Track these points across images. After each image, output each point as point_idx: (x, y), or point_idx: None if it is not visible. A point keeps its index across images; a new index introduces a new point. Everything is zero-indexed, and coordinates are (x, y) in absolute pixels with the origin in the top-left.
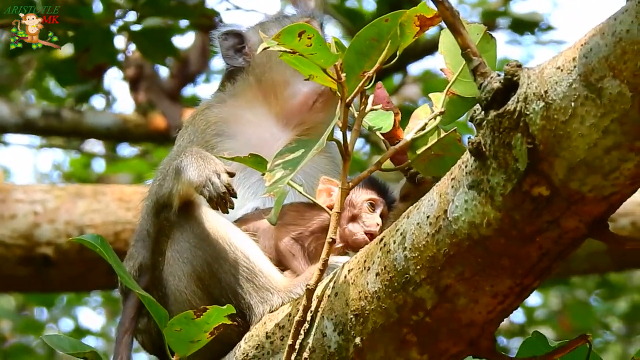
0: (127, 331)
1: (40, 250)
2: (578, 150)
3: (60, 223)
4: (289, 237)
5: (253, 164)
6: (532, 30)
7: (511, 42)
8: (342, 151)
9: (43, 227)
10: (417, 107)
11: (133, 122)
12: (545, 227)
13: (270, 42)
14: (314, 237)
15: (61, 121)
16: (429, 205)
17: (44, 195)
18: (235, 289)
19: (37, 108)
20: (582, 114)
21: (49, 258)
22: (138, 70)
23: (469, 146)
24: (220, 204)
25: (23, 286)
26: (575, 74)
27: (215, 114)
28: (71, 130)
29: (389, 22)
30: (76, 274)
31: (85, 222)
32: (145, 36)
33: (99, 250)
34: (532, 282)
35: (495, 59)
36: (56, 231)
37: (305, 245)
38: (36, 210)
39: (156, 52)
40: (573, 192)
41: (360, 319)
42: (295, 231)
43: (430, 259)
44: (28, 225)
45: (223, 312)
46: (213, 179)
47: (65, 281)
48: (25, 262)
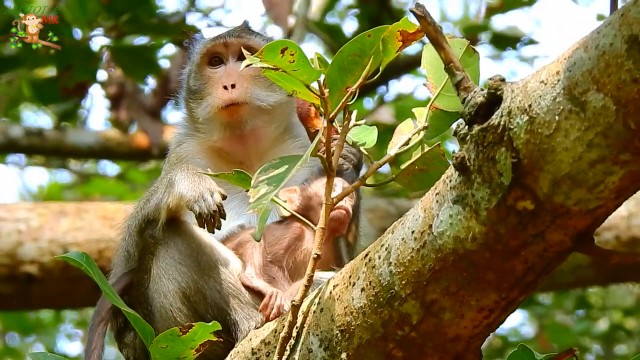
0: (102, 321)
1: (23, 268)
2: (562, 164)
3: (43, 241)
4: (266, 262)
5: (237, 180)
6: (513, 45)
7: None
8: (325, 167)
9: (26, 245)
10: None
11: (115, 140)
12: (530, 240)
13: (252, 58)
14: (289, 252)
15: (44, 140)
16: (413, 220)
17: (27, 213)
18: (220, 305)
19: (19, 127)
20: (566, 128)
21: (32, 276)
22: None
23: (453, 161)
24: (208, 222)
25: (6, 304)
26: (559, 88)
27: (184, 148)
28: (54, 149)
29: (371, 37)
30: (60, 291)
31: (68, 240)
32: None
33: (84, 268)
34: (518, 296)
35: (478, 73)
36: (40, 249)
37: (284, 264)
38: (19, 228)
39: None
40: (558, 205)
41: (346, 334)
42: (270, 253)
43: (416, 274)
44: (12, 243)
45: (209, 329)
46: (206, 196)
47: (49, 299)
48: (9, 280)
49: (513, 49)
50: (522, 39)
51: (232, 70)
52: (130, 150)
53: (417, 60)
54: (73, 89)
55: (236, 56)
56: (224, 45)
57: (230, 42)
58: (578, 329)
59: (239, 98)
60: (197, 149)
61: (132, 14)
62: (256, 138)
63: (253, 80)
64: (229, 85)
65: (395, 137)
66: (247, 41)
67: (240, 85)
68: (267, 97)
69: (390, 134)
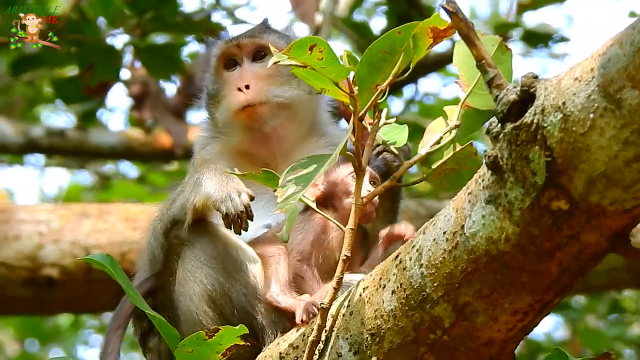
0: (120, 326)
1: (44, 271)
2: (598, 163)
3: (65, 243)
4: (294, 261)
5: (265, 180)
6: (545, 42)
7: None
8: (355, 166)
9: (47, 247)
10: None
11: (138, 140)
12: (565, 242)
13: (280, 55)
14: (316, 247)
15: (65, 140)
16: (445, 221)
17: (48, 215)
18: (247, 308)
19: (41, 127)
20: (601, 126)
21: (53, 279)
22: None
23: (485, 160)
24: (235, 222)
25: (26, 308)
26: (593, 85)
27: (208, 151)
28: (75, 150)
29: (401, 34)
30: (81, 295)
31: (90, 242)
32: (150, 52)
33: (108, 270)
34: (553, 298)
35: (511, 71)
36: (61, 252)
37: (312, 261)
38: (40, 230)
39: (161, 69)
40: (593, 205)
41: (377, 338)
42: (298, 251)
43: (448, 276)
44: (32, 246)
45: (236, 333)
46: (233, 196)
47: (70, 303)
48: (29, 283)
49: (545, 46)
50: (554, 36)
51: (246, 72)
52: (153, 151)
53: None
54: (95, 89)
55: (250, 57)
56: (238, 47)
57: (244, 43)
58: (611, 334)
59: (255, 99)
60: (221, 151)
61: (156, 11)
62: (279, 137)
63: (268, 79)
64: (242, 87)
65: (426, 136)
66: (261, 40)
67: (254, 85)
68: (284, 93)
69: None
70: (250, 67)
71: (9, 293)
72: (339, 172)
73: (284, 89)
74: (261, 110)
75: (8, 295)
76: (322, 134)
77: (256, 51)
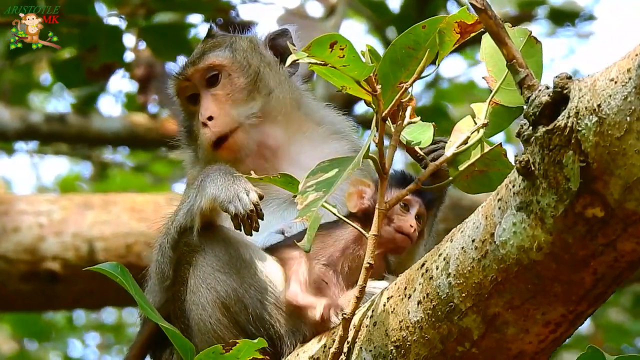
0: (135, 357)
1: (45, 265)
2: (634, 168)
3: (67, 236)
4: (320, 265)
5: (283, 184)
6: (572, 21)
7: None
8: (378, 169)
9: (48, 240)
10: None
11: (143, 126)
12: (600, 250)
13: (300, 54)
14: (345, 255)
15: (66, 126)
16: (474, 228)
17: (50, 206)
18: (263, 316)
19: (39, 112)
20: (638, 129)
21: (55, 274)
22: (148, 70)
23: (516, 165)
24: (245, 222)
25: (27, 304)
26: (630, 87)
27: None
28: (77, 136)
29: (426, 28)
30: (84, 290)
31: (94, 234)
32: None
33: (120, 280)
34: (587, 309)
35: (542, 65)
36: (63, 244)
37: (339, 268)
38: (41, 222)
39: (167, 50)
40: (630, 212)
41: (402, 350)
42: (325, 255)
43: (477, 286)
44: (32, 238)
45: (254, 347)
46: (241, 195)
47: (73, 298)
48: (30, 278)
49: (572, 25)
50: (581, 14)
51: (205, 102)
52: (159, 137)
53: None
54: (98, 71)
55: (204, 84)
56: (187, 80)
57: (190, 74)
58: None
59: (224, 129)
60: None
61: None
62: (270, 148)
63: (230, 100)
64: (206, 121)
65: (453, 135)
66: (205, 62)
67: (218, 113)
68: (251, 109)
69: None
70: (207, 95)
71: (9, 288)
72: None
73: (249, 105)
74: (236, 138)
75: (9, 290)
76: (318, 121)
77: (207, 76)
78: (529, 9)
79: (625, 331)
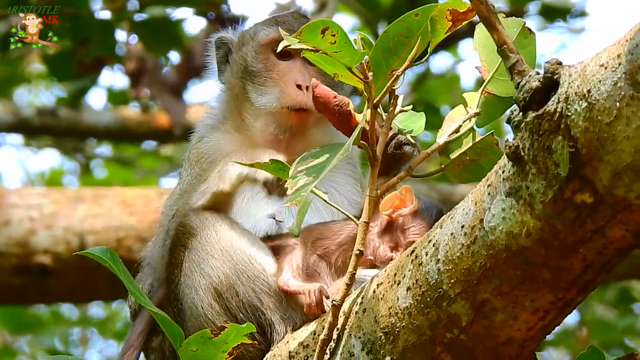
0: (131, 347)
1: (36, 258)
2: (624, 154)
3: (58, 229)
4: (315, 255)
5: (274, 170)
6: (563, 17)
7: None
8: (369, 156)
9: (40, 233)
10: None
11: (135, 119)
12: (589, 236)
13: (291, 39)
14: (341, 249)
15: (57, 120)
16: (463, 214)
17: (40, 199)
18: (254, 303)
19: (31, 106)
20: (627, 115)
21: (46, 267)
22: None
23: (506, 150)
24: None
25: (18, 297)
26: (620, 72)
27: (206, 143)
28: (68, 130)
29: (419, 16)
30: (76, 283)
31: (85, 228)
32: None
33: (109, 265)
34: (576, 296)
35: (535, 56)
36: (54, 238)
37: (332, 260)
38: (32, 215)
39: (159, 44)
40: (619, 199)
41: (391, 337)
42: (322, 246)
43: (466, 272)
44: (23, 232)
45: (242, 331)
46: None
47: (64, 291)
48: (21, 271)
49: (563, 21)
50: (573, 10)
51: (306, 70)
52: (150, 131)
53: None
54: (90, 64)
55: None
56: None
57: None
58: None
59: (310, 104)
60: (223, 143)
61: None
62: (304, 144)
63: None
64: (304, 87)
65: (445, 124)
66: None
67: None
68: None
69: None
70: (305, 64)
71: (0, 281)
72: (409, 223)
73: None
74: (311, 118)
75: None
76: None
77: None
78: (521, 5)
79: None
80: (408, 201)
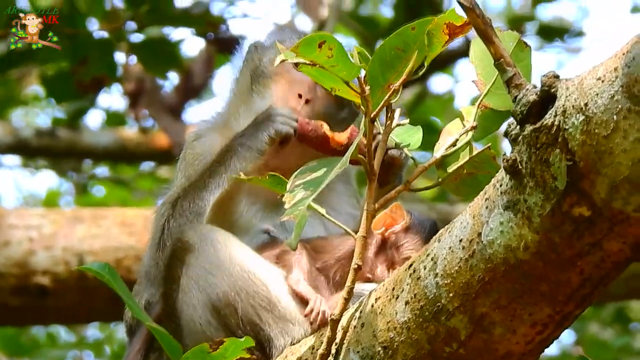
0: None
1: (35, 279)
2: (621, 167)
3: (57, 250)
4: (314, 268)
5: (271, 184)
6: (561, 36)
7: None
8: (367, 170)
9: (39, 254)
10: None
11: (133, 140)
12: (586, 250)
13: (288, 53)
14: (340, 264)
15: (56, 140)
16: (461, 228)
17: (40, 220)
18: (253, 319)
19: (30, 127)
20: (625, 128)
21: (45, 288)
22: (138, 85)
23: (503, 164)
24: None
25: (17, 318)
26: (617, 85)
27: (202, 144)
28: (66, 151)
29: (415, 30)
30: (74, 304)
31: (84, 248)
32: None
33: (107, 280)
34: (574, 309)
35: (531, 69)
36: (53, 259)
37: (331, 275)
38: (31, 236)
39: (158, 65)
40: (616, 212)
41: (389, 351)
42: (321, 260)
43: (464, 286)
44: (22, 252)
45: (241, 345)
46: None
47: (63, 312)
48: (20, 292)
49: (561, 40)
50: (570, 30)
51: (314, 84)
52: (149, 151)
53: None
54: (88, 84)
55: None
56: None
57: None
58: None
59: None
60: (216, 145)
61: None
62: (300, 148)
63: (323, 96)
64: (304, 97)
65: (442, 138)
66: None
67: (312, 101)
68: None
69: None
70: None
71: None
72: (404, 239)
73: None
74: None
75: None
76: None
77: None
78: (519, 25)
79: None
80: (399, 217)
